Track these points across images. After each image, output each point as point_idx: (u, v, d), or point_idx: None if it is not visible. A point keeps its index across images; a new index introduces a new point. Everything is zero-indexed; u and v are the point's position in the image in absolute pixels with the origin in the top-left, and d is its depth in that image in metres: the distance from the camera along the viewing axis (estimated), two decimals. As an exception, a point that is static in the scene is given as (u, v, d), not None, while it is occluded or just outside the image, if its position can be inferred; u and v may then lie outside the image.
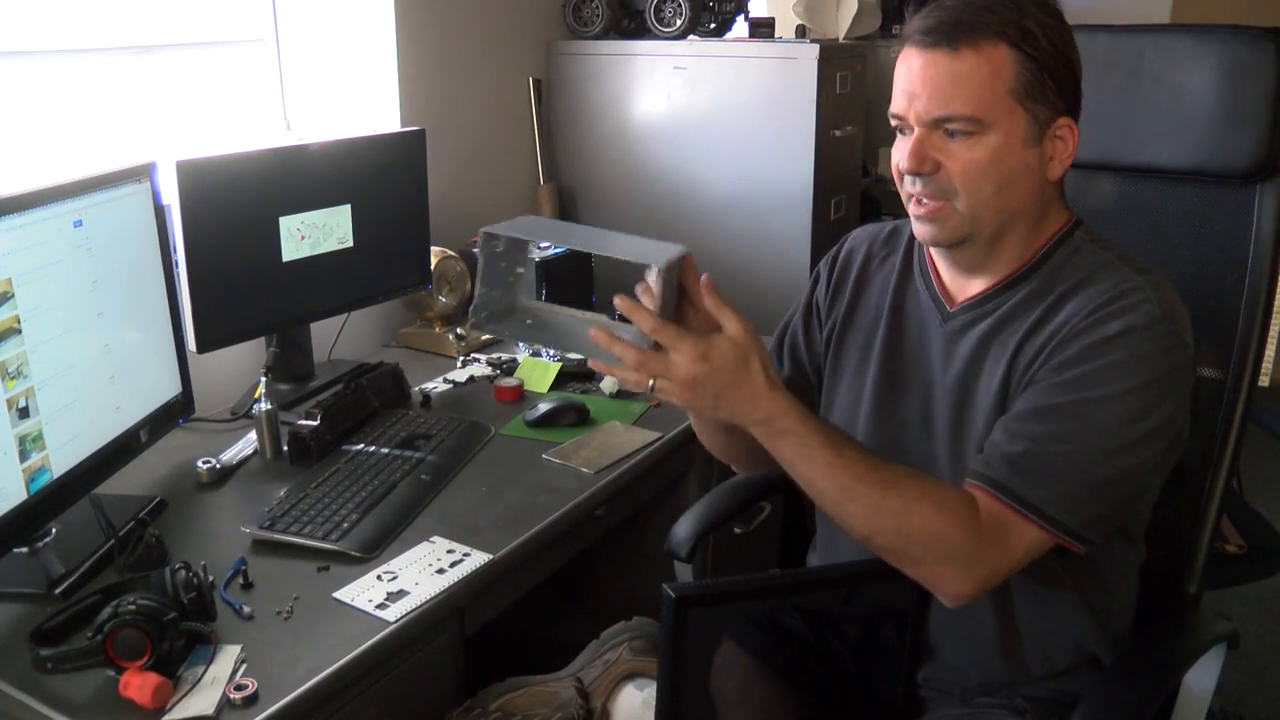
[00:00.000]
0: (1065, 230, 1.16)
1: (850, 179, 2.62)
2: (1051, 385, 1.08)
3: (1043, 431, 1.06)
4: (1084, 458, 1.05)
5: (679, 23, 2.53)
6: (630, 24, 2.67)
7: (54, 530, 1.39)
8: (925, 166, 1.09)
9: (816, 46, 2.33)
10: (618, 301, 1.01)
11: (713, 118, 2.49)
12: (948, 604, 1.08)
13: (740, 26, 2.70)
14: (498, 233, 1.07)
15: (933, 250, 1.23)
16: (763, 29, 2.60)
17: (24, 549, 1.35)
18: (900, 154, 1.12)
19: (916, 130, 1.09)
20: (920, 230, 1.15)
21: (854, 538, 1.07)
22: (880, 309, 1.28)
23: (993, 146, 1.07)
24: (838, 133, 2.46)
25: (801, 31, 2.56)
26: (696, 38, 2.60)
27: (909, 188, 1.13)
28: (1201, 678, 1.27)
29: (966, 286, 1.20)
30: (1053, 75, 1.08)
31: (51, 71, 1.83)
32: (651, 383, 1.02)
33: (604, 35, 2.63)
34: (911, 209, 1.14)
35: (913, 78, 1.09)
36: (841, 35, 2.84)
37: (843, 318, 1.32)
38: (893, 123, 1.14)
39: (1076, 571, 1.16)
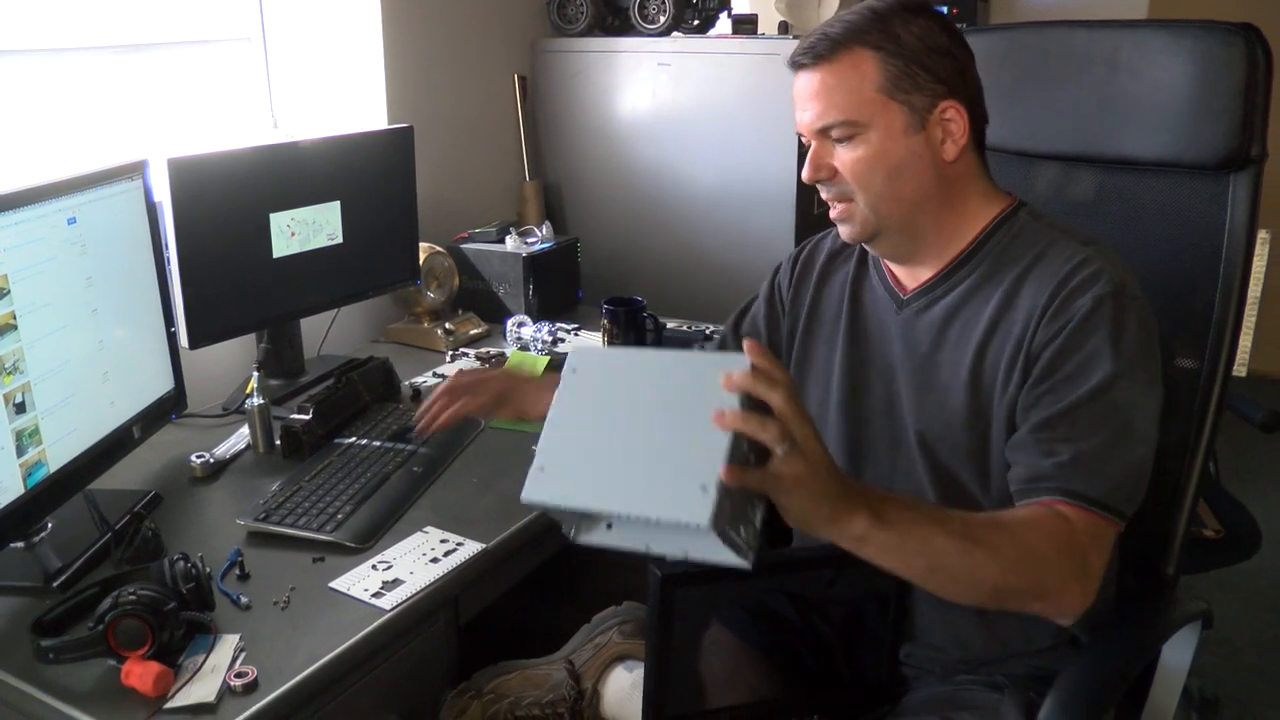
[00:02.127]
0: (1007, 213, 1.22)
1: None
2: (1057, 384, 1.10)
3: (1076, 431, 1.09)
4: (1119, 438, 1.08)
5: (663, 20, 2.55)
6: (614, 21, 2.68)
7: (50, 525, 1.40)
8: (822, 173, 1.18)
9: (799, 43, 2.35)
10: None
11: (697, 114, 2.51)
12: (1067, 622, 1.08)
13: (723, 23, 2.71)
14: (534, 500, 0.94)
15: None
16: (745, 26, 2.61)
17: (20, 543, 1.36)
18: None
19: (812, 143, 1.18)
20: (840, 231, 1.24)
21: (981, 605, 1.09)
22: (841, 303, 1.33)
23: (874, 143, 1.15)
24: (821, 128, 2.47)
25: (784, 28, 2.58)
26: (680, 34, 2.62)
27: (821, 195, 1.22)
28: (1176, 656, 1.31)
29: (915, 275, 1.26)
30: (922, 65, 1.14)
31: (38, 70, 1.84)
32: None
33: (588, 32, 2.65)
34: (830, 214, 1.23)
35: (798, 97, 1.19)
36: (823, 32, 2.84)
37: (806, 314, 1.37)
38: (802, 140, 1.22)
39: None
